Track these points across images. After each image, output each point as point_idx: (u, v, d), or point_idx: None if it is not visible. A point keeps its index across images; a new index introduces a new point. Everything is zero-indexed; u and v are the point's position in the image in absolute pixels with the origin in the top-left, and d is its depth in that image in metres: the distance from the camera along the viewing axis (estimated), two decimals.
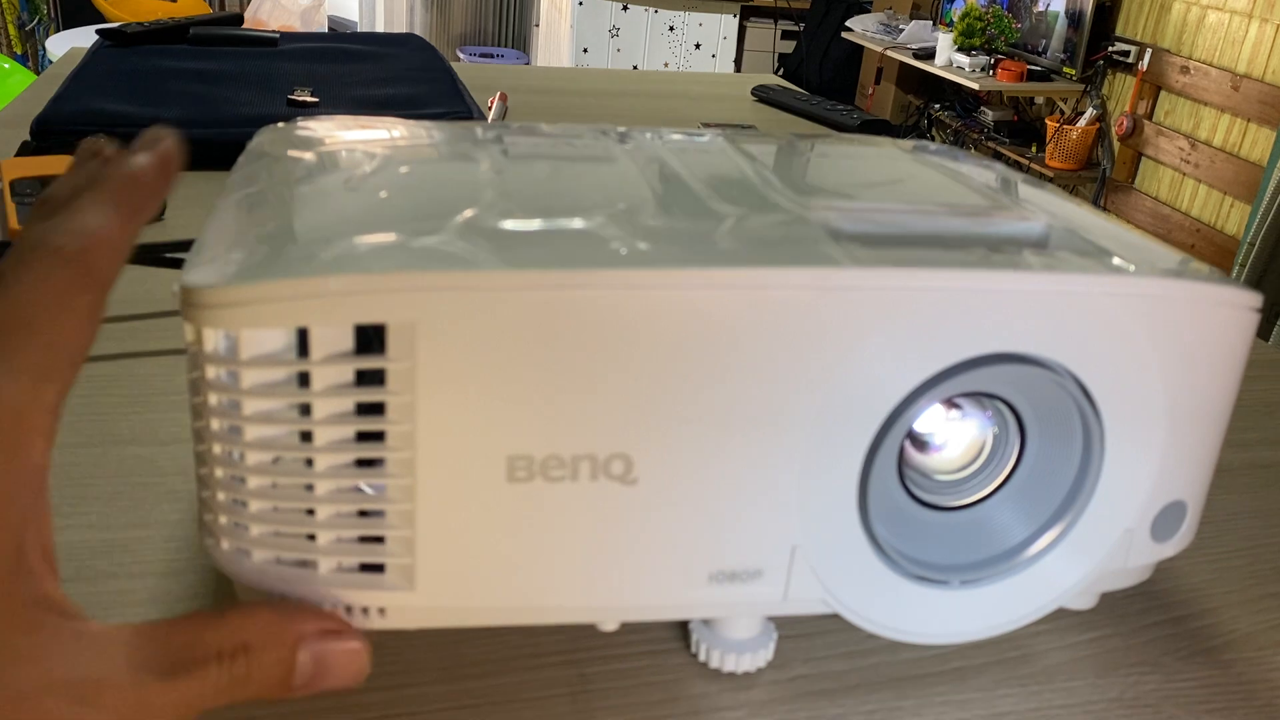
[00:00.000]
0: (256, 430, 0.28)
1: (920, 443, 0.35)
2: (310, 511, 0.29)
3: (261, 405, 0.28)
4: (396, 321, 0.27)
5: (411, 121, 0.44)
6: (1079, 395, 0.32)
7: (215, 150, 0.79)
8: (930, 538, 0.33)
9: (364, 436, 0.29)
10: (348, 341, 0.28)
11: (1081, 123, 3.53)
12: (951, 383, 0.30)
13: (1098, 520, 0.33)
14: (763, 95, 1.15)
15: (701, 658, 0.34)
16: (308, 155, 0.37)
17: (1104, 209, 3.41)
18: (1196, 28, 3.14)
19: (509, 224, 0.30)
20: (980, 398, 0.34)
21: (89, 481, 0.41)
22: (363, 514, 0.30)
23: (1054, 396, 0.32)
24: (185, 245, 0.58)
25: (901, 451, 0.33)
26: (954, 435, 0.34)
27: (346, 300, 0.27)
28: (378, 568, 0.30)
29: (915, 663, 0.35)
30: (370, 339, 0.29)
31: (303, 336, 0.28)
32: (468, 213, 0.31)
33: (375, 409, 0.29)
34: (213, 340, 0.28)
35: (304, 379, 0.28)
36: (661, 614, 0.32)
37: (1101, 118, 3.54)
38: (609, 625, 0.33)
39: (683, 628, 0.36)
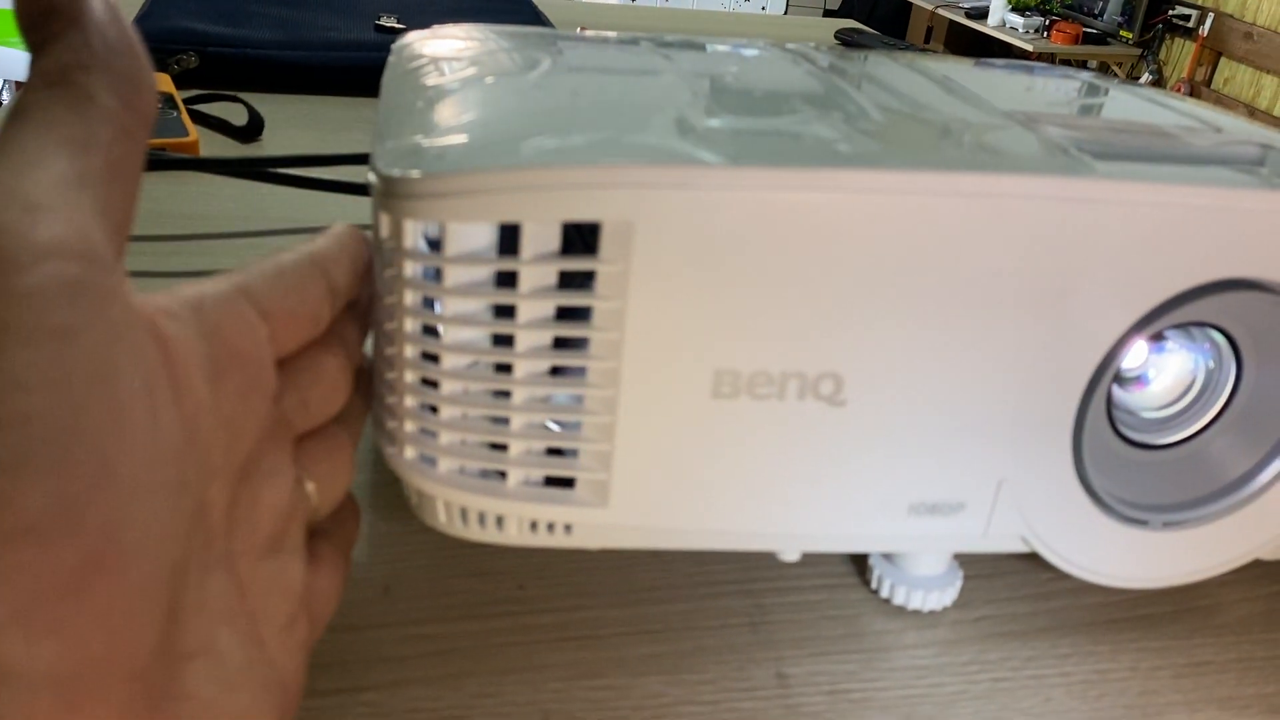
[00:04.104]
0: (455, 332, 0.27)
1: (1122, 379, 0.33)
2: (503, 420, 0.28)
3: (463, 305, 0.27)
4: (613, 219, 0.26)
5: (551, 30, 0.42)
6: None
7: (306, 73, 0.78)
8: (1136, 476, 0.31)
9: (561, 343, 0.27)
10: (555, 240, 0.26)
11: None
12: (1181, 310, 0.28)
13: None
14: (848, 40, 1.12)
15: (884, 594, 0.32)
16: (468, 55, 0.35)
17: None
18: None
19: (718, 123, 0.28)
20: (1190, 328, 0.32)
21: None
22: (556, 426, 0.28)
23: (1278, 323, 0.30)
24: (288, 161, 0.56)
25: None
26: (1161, 369, 0.32)
27: (562, 194, 0.25)
28: (566, 482, 0.29)
29: (1102, 607, 0.33)
30: (569, 241, 0.27)
31: (504, 235, 0.27)
32: (671, 112, 0.29)
33: (578, 314, 0.27)
34: (413, 234, 0.26)
35: (501, 279, 0.27)
36: (856, 544, 0.31)
37: (1158, 83, 3.46)
38: (791, 555, 0.32)
39: (857, 562, 0.34)
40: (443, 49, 0.36)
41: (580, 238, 0.27)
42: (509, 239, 0.26)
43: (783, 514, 0.29)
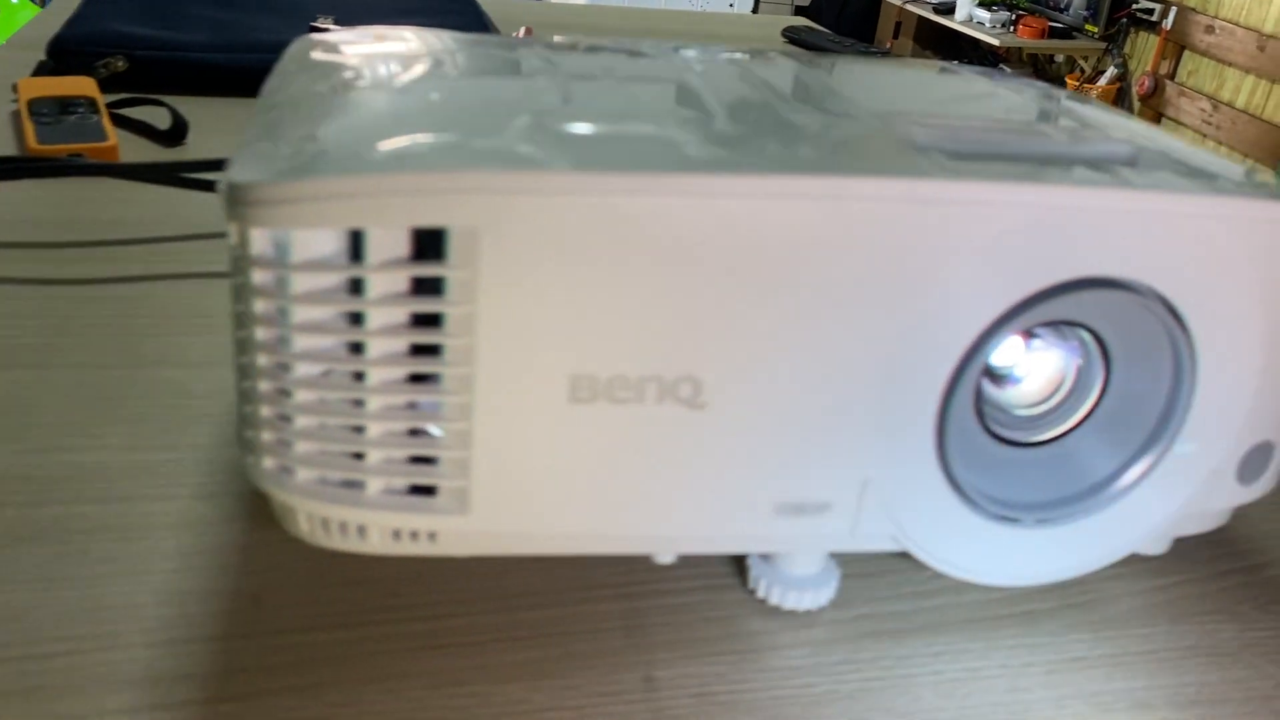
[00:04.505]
0: (306, 340, 0.27)
1: (995, 376, 0.33)
2: (360, 429, 0.28)
3: (312, 313, 0.27)
4: (460, 225, 0.26)
5: (454, 33, 0.42)
6: (1171, 322, 0.30)
7: (237, 76, 0.78)
8: (1007, 474, 0.32)
9: (418, 350, 0.27)
10: (404, 247, 0.26)
11: (1102, 82, 3.47)
12: (1042, 308, 0.29)
13: (1184, 458, 0.31)
14: (793, 37, 1.12)
15: (760, 594, 0.32)
16: (350, 61, 0.35)
17: None
18: None
19: (574, 127, 0.28)
20: (1061, 326, 0.32)
21: (118, 402, 0.39)
22: (414, 433, 0.28)
23: (1144, 323, 0.30)
24: (210, 165, 0.56)
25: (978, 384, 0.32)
26: (1033, 367, 0.32)
27: (407, 201, 0.25)
28: (429, 490, 0.29)
29: (982, 605, 0.33)
30: (424, 246, 0.27)
31: (355, 241, 0.26)
32: (529, 115, 0.29)
33: (431, 320, 0.27)
34: (260, 242, 0.26)
35: (356, 286, 0.27)
36: (724, 546, 0.31)
37: (1123, 77, 3.48)
38: (666, 557, 0.32)
39: (738, 563, 0.34)
40: (328, 54, 0.36)
41: (431, 242, 0.27)
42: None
43: (648, 517, 0.29)
